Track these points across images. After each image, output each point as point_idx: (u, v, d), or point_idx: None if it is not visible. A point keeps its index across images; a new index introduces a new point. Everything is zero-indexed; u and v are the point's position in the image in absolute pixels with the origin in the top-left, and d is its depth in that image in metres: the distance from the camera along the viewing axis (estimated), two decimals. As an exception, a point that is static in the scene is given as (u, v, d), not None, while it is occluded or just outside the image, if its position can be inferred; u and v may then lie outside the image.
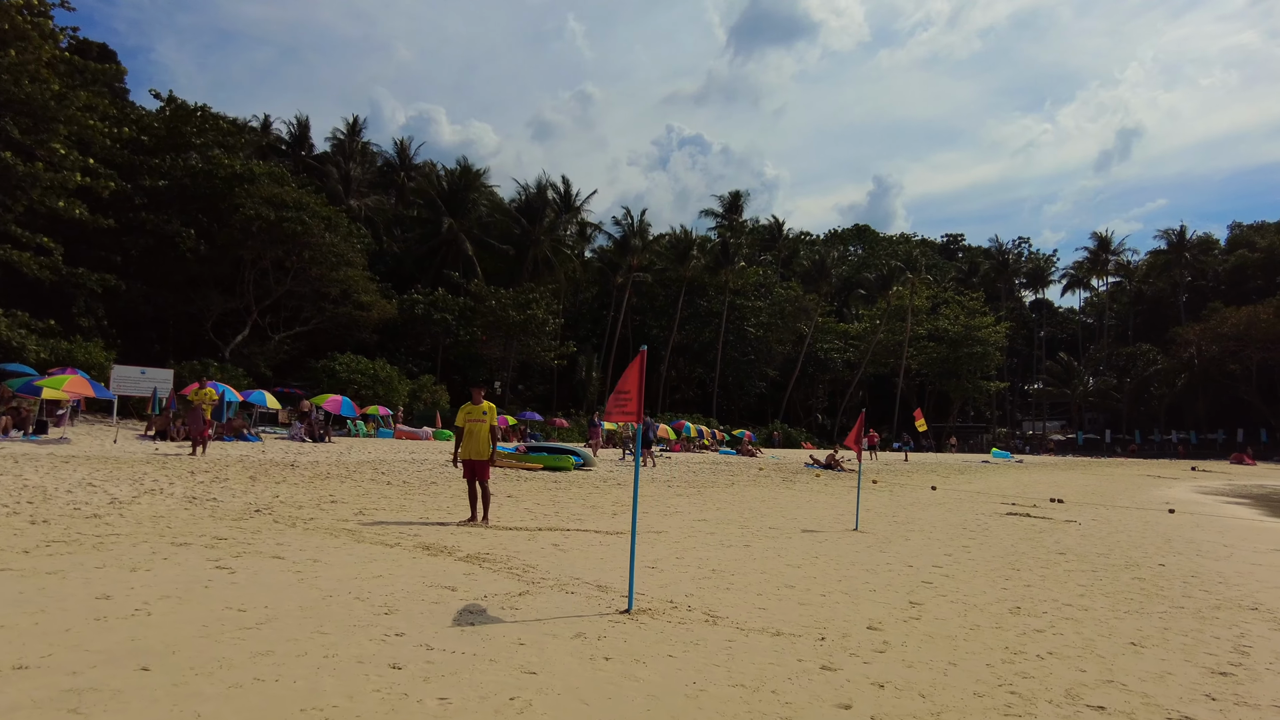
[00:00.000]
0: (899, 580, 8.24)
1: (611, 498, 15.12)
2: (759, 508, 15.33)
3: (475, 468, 10.26)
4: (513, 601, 6.03)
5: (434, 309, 49.92)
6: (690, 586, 7.08)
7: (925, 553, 10.52)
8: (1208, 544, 14.17)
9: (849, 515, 14.71)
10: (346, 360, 42.72)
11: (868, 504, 17.81)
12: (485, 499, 10.30)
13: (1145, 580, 9.42)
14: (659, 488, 18.28)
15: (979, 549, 11.28)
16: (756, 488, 20.54)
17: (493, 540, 8.96)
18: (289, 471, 15.65)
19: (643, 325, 72.44)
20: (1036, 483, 30.64)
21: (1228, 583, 9.76)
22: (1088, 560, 10.83)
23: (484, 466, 10.22)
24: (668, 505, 14.51)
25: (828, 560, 9.25)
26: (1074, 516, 17.82)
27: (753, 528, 11.96)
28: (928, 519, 15.28)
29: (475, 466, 10.25)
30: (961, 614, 6.76)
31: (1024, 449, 72.80)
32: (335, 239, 44.12)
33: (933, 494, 22.38)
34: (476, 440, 10.26)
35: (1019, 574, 9.23)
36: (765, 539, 10.75)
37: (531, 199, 62.48)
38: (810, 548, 10.19)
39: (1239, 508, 25.83)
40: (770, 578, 7.83)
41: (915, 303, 72.05)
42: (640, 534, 10.27)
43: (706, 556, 8.81)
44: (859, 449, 13.27)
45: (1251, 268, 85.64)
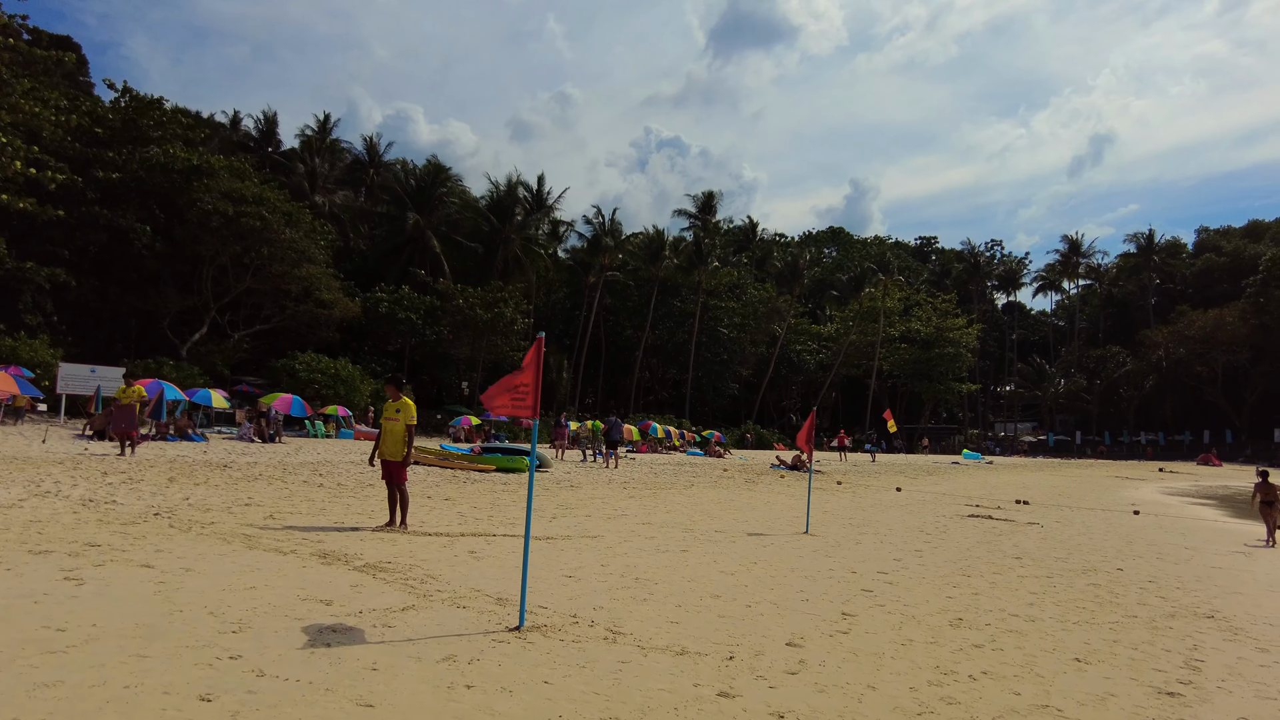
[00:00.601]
0: (837, 588, 7.68)
1: (558, 500, 14.47)
2: (712, 510, 14.75)
3: (389, 469, 9.58)
4: (391, 618, 5.38)
5: (399, 308, 48.88)
6: (604, 598, 6.46)
7: (874, 557, 9.98)
8: (1169, 546, 13.80)
9: (803, 518, 14.18)
10: (307, 359, 41.66)
11: (827, 506, 17.31)
12: (403, 502, 9.61)
13: (1100, 586, 8.94)
14: (614, 489, 17.65)
15: (932, 553, 10.77)
16: (716, 489, 19.98)
17: (403, 547, 8.29)
18: (218, 473, 14.83)
19: (616, 325, 71.82)
20: (1004, 484, 30.39)
21: (1185, 588, 9.31)
22: (1044, 565, 10.36)
23: (398, 468, 9.54)
24: (616, 508, 13.88)
25: (766, 566, 8.67)
26: (1037, 518, 17.45)
27: (697, 531, 11.36)
28: (885, 521, 14.78)
29: (389, 468, 9.57)
30: (896, 627, 6.20)
31: (995, 450, 73.01)
32: (297, 235, 43.02)
33: (896, 495, 21.95)
34: (390, 439, 9.58)
35: (969, 580, 8.71)
36: (706, 543, 10.16)
37: (502, 197, 61.58)
38: (751, 553, 9.61)
39: (1203, 509, 25.69)
40: (697, 586, 7.23)
41: (887, 304, 72.02)
42: (574, 539, 9.65)
43: (635, 564, 8.20)
44: (810, 449, 12.72)
45: (1218, 272, 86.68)
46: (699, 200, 76.55)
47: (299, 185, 56.04)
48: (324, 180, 60.58)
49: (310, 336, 47.14)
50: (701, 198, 76.58)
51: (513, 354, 52.10)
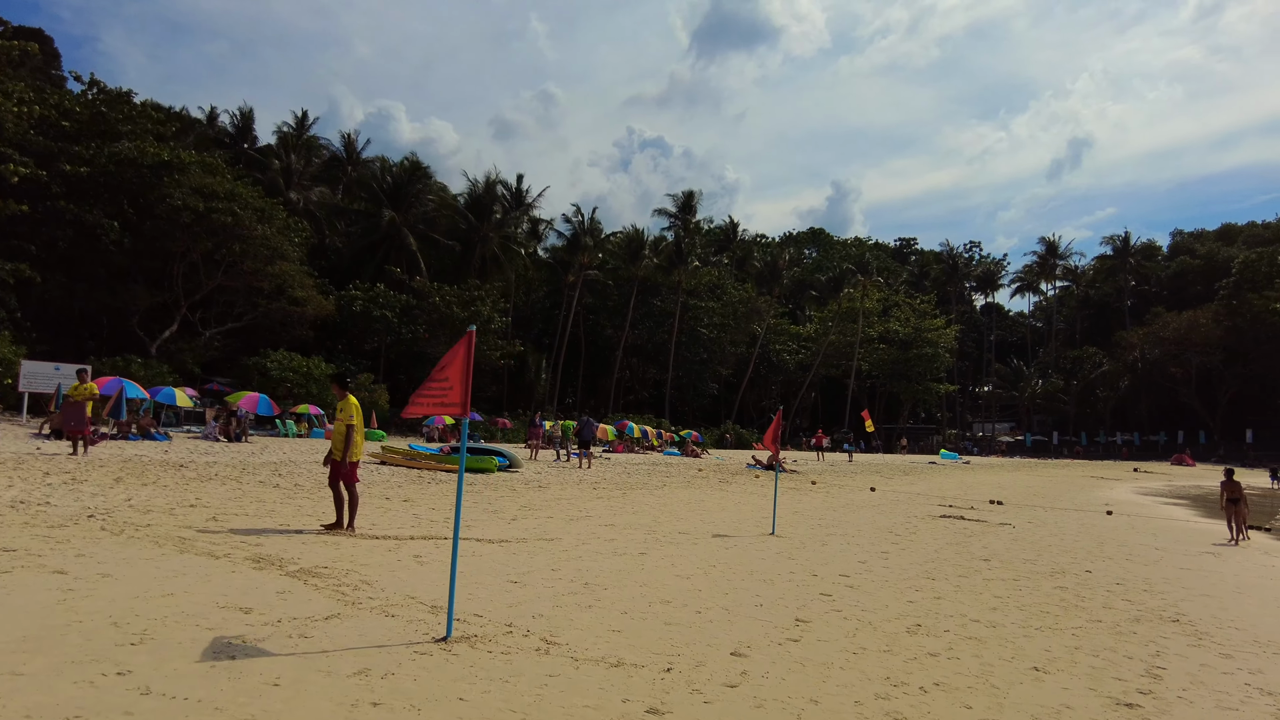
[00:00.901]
0: (795, 592, 7.41)
1: (521, 501, 14.14)
2: (680, 510, 14.47)
3: (334, 469, 9.22)
4: (311, 627, 5.04)
5: (374, 306, 48.26)
6: (547, 605, 6.15)
7: (838, 560, 9.74)
8: (1139, 547, 13.68)
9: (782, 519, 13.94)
10: (279, 358, 41.00)
11: (799, 506, 17.10)
12: (351, 504, 9.25)
13: (1067, 590, 8.74)
14: (583, 490, 17.34)
15: (898, 555, 10.55)
16: (689, 489, 19.72)
17: (346, 551, 7.94)
18: (171, 473, 14.37)
19: (596, 325, 71.47)
20: (980, 484, 30.37)
21: (1153, 590, 9.14)
22: (1012, 567, 10.16)
23: (341, 468, 9.20)
24: (581, 509, 13.57)
25: (725, 569, 8.39)
26: (1010, 519, 17.32)
27: (660, 533, 11.08)
28: (855, 522, 14.57)
29: (334, 468, 9.21)
30: (851, 634, 5.94)
31: (973, 450, 73.36)
32: (269, 231, 42.36)
33: (870, 496, 21.79)
34: (335, 439, 9.23)
35: (933, 584, 8.48)
36: (667, 546, 9.88)
37: (480, 195, 61.04)
38: (712, 555, 9.33)
39: (1175, 509, 25.76)
40: (649, 592, 6.93)
41: (866, 305, 72.18)
42: (530, 542, 9.34)
43: (588, 568, 7.89)
44: (775, 448, 12.46)
45: (1192, 274, 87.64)
46: (679, 200, 76.32)
47: (273, 182, 55.25)
48: (299, 177, 59.72)
49: (284, 335, 46.46)
50: (681, 197, 76.35)
51: (490, 353, 51.66)
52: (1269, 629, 7.43)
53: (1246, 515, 15.90)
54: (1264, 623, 7.75)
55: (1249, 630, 7.28)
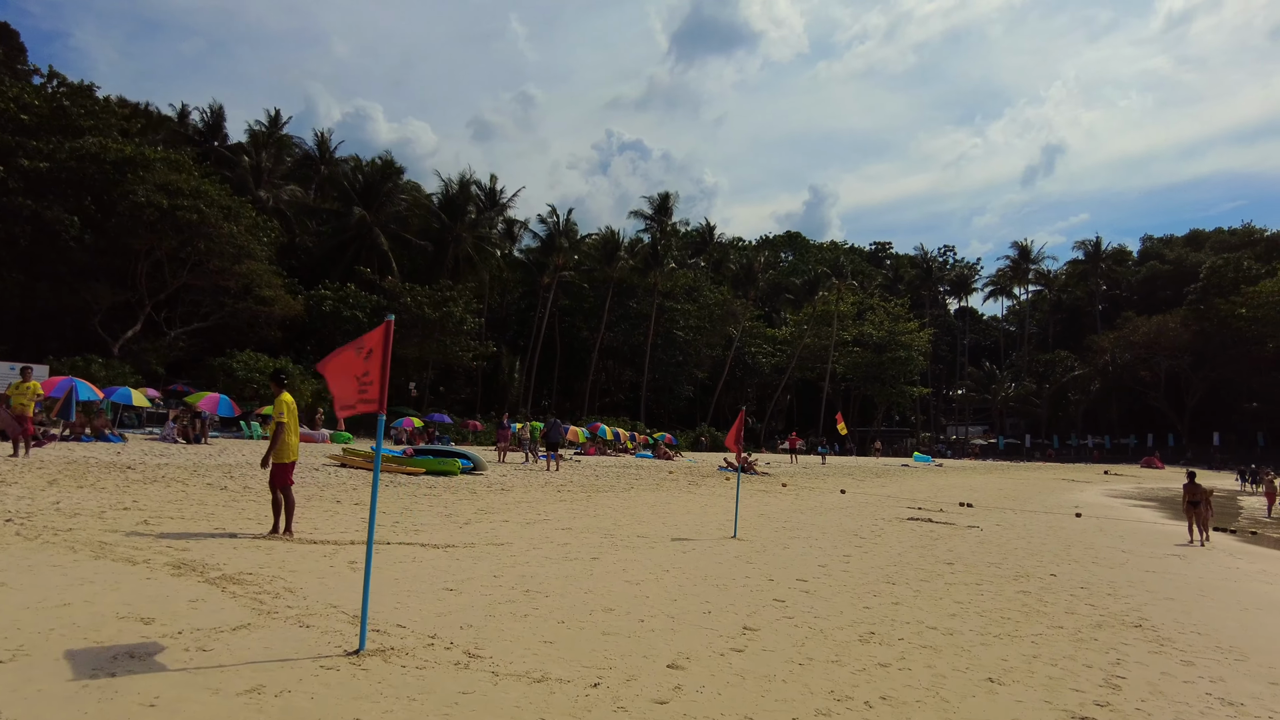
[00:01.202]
0: (748, 598, 7.11)
1: (479, 504, 13.74)
2: (643, 513, 14.15)
3: (271, 471, 8.82)
4: (213, 639, 4.66)
5: (344, 306, 47.50)
6: (479, 614, 5.80)
7: (799, 563, 9.46)
8: (1106, 550, 13.56)
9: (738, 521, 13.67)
10: (245, 358, 40.17)
11: (766, 509, 16.84)
12: (287, 507, 8.84)
13: (1030, 594, 8.52)
14: (546, 493, 16.96)
15: (861, 559, 10.30)
16: (656, 492, 19.40)
17: (278, 556, 7.53)
18: (116, 475, 13.83)
19: (572, 327, 71.05)
20: (951, 486, 30.34)
21: (1117, 594, 8.95)
22: (975, 571, 9.94)
23: (276, 469, 8.80)
24: (540, 511, 13.21)
25: (678, 574, 8.08)
26: (979, 521, 17.19)
27: (619, 536, 10.75)
28: (821, 524, 14.33)
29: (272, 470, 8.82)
30: (800, 643, 5.64)
31: (947, 453, 73.76)
32: (236, 230, 41.56)
33: (839, 498, 21.60)
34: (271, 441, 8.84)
35: (893, 589, 8.22)
36: (622, 550, 9.55)
37: (454, 194, 60.41)
38: (668, 559, 9.01)
39: (1144, 510, 25.86)
40: (593, 599, 6.60)
41: (841, 308, 72.36)
42: (478, 546, 8.97)
43: (533, 574, 7.54)
44: (739, 449, 12.16)
45: (1161, 279, 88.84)
46: (655, 202, 76.04)
47: (242, 180, 54.31)
48: (269, 175, 58.75)
49: (251, 335, 45.64)
50: (658, 199, 76.04)
51: (462, 355, 51.06)
52: (1230, 634, 7.24)
53: (1209, 517, 16.07)
54: (1225, 627, 7.58)
55: (1211, 635, 7.09)
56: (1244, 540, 18.66)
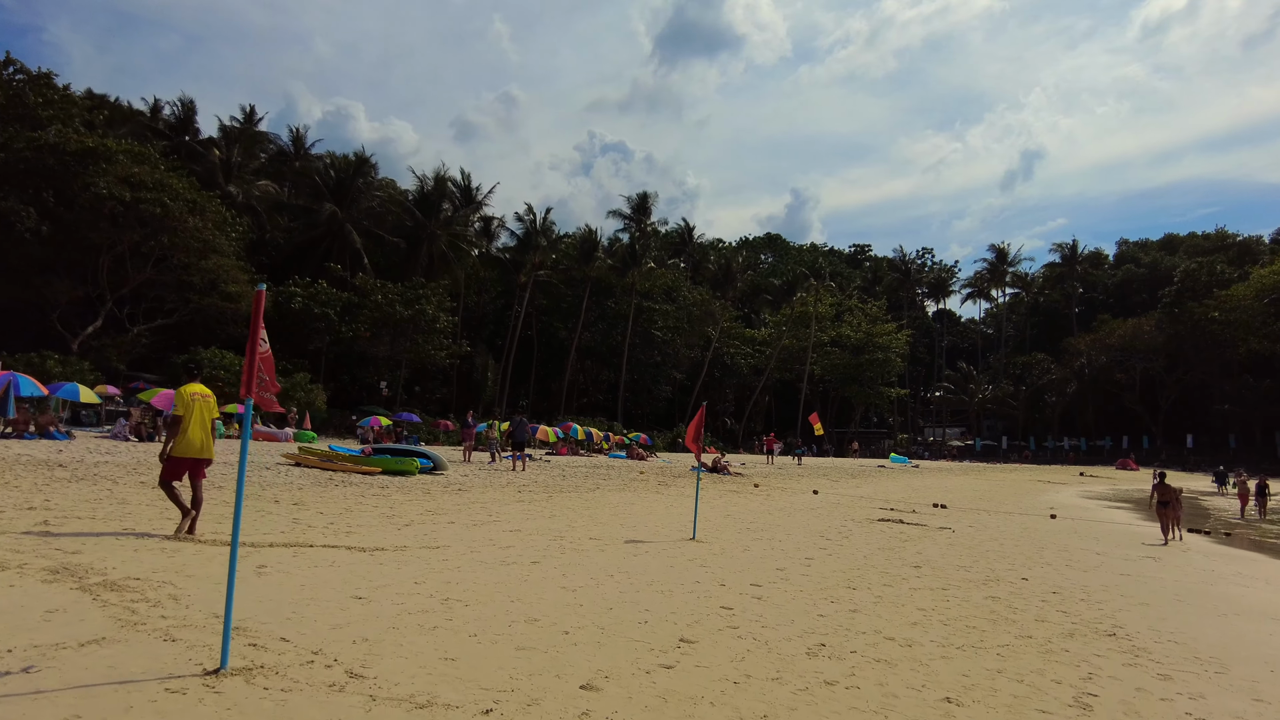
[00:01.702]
0: (693, 606, 6.53)
1: (429, 505, 13.08)
2: (603, 514, 13.56)
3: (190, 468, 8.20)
4: (50, 657, 4.01)
5: (314, 303, 46.50)
6: (383, 626, 5.17)
7: (756, 567, 8.90)
8: (1080, 552, 13.14)
9: (701, 522, 13.11)
10: (209, 355, 39.15)
11: (733, 509, 16.31)
12: (195, 505, 8.21)
13: (1000, 600, 8.01)
14: (506, 493, 16.31)
15: (824, 561, 9.76)
16: (623, 492, 18.81)
17: (180, 560, 6.86)
18: (38, 472, 13.04)
19: (549, 327, 70.32)
20: (927, 487, 30.00)
21: (1090, 599, 8.46)
22: (943, 575, 9.43)
23: (165, 467, 8.18)
24: (491, 513, 12.57)
25: (623, 580, 7.49)
26: (951, 523, 16.74)
27: (569, 539, 10.14)
28: (787, 525, 13.80)
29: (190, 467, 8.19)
30: (740, 657, 5.07)
31: (924, 454, 73.75)
32: (202, 224, 40.56)
33: (811, 498, 21.12)
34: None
35: (853, 594, 7.68)
36: (570, 553, 8.94)
37: (429, 191, 59.49)
38: (616, 563, 8.42)
39: (1119, 512, 25.61)
40: (519, 608, 5.99)
41: (819, 309, 72.15)
42: (411, 550, 8.33)
43: (460, 580, 6.92)
44: (698, 448, 11.61)
45: (1137, 282, 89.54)
46: (634, 201, 75.46)
47: (212, 174, 53.12)
48: (240, 170, 57.53)
49: (218, 332, 44.64)
50: (636, 199, 75.49)
51: (435, 353, 50.19)
52: (1209, 642, 6.77)
53: (1179, 517, 16.28)
54: (1204, 635, 7.10)
55: (1189, 644, 6.61)
56: (1217, 541, 18.39)
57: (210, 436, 8.32)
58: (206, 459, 8.29)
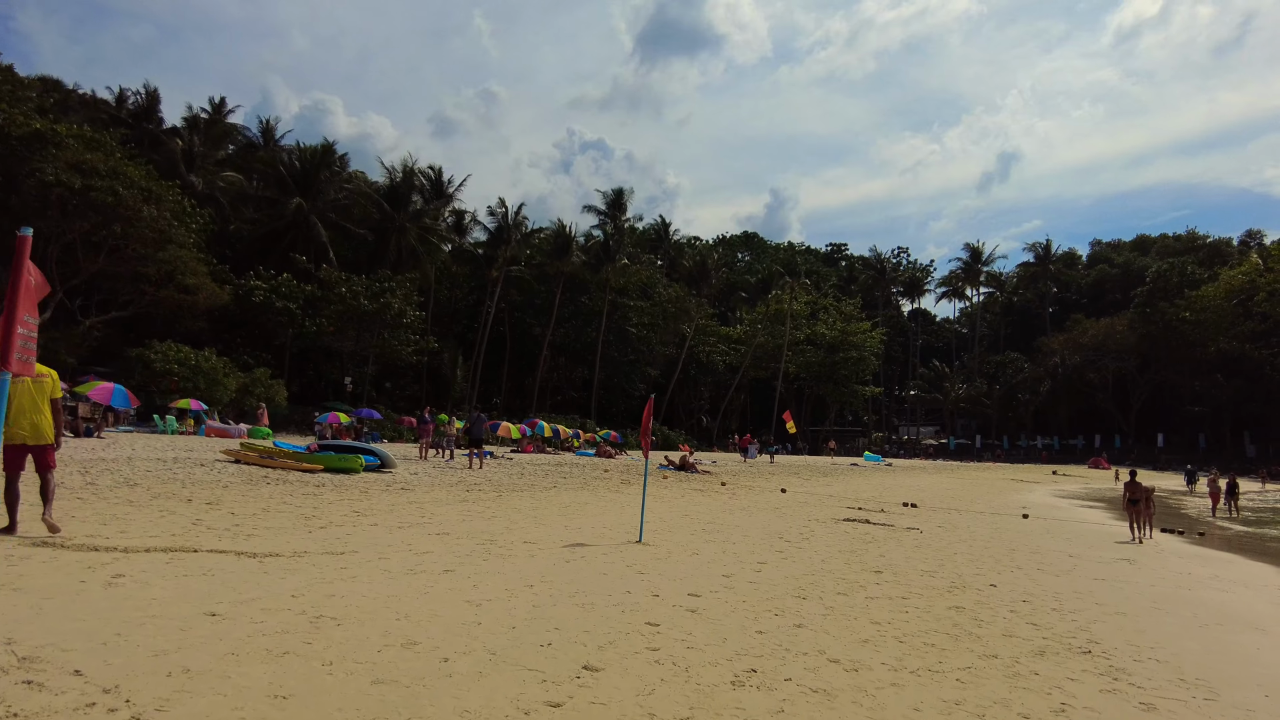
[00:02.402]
0: (613, 623, 5.70)
1: (359, 505, 12.15)
2: (549, 515, 12.71)
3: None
4: None
5: (275, 296, 45.14)
6: (219, 653, 4.28)
7: (701, 573, 8.09)
8: (1052, 554, 12.48)
9: (655, 523, 12.31)
10: (164, 349, 37.84)
11: (692, 509, 15.52)
12: (45, 497, 7.35)
13: (965, 610, 7.26)
14: (453, 493, 15.40)
15: (778, 566, 8.98)
16: (581, 491, 17.97)
17: (16, 569, 5.91)
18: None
19: (523, 323, 69.20)
20: (898, 486, 29.43)
21: (1062, 608, 7.74)
22: (905, 581, 8.68)
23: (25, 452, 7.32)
24: (426, 515, 11.68)
25: (543, 590, 6.63)
26: (921, 523, 16.06)
27: (500, 543, 9.28)
28: (746, 526, 13.03)
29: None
30: (649, 690, 4.24)
31: (900, 453, 73.55)
32: (157, 214, 39.14)
33: (778, 497, 20.40)
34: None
35: (802, 606, 6.88)
36: (493, 560, 8.08)
37: (397, 183, 58.17)
38: (542, 571, 7.57)
39: (1092, 511, 25.16)
40: (401, 629, 5.12)
41: (794, 307, 71.66)
42: (312, 555, 7.43)
43: (345, 593, 6.03)
44: (647, 442, 10.76)
45: (1110, 282, 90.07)
46: (609, 197, 74.45)
47: (173, 164, 51.52)
48: (203, 160, 55.90)
49: (177, 326, 43.23)
50: (611, 195, 74.50)
51: (401, 349, 48.97)
52: (1194, 660, 6.05)
53: (1150, 515, 16.39)
54: (1187, 650, 6.39)
55: (1171, 662, 5.88)
56: (1191, 541, 17.91)
57: (48, 419, 7.38)
58: (42, 444, 7.35)
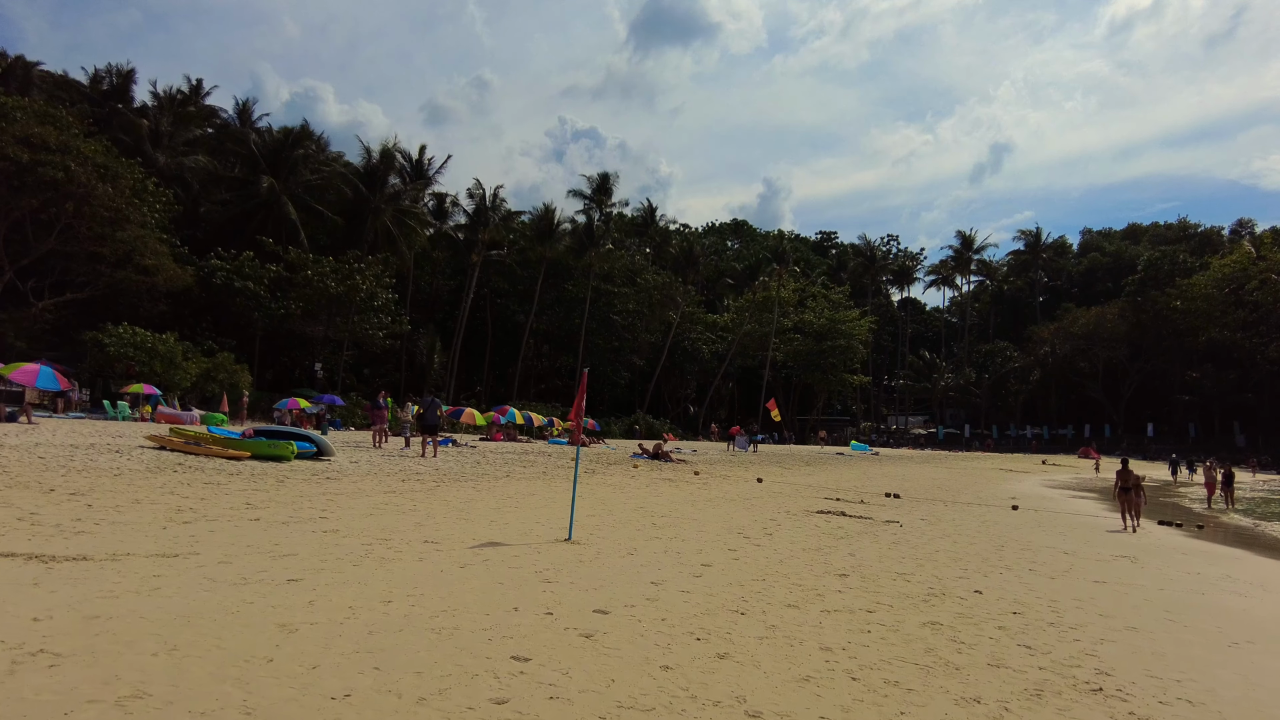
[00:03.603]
0: (463, 657, 4.27)
1: (261, 497, 10.68)
2: (480, 509, 11.29)
3: None
4: None
5: (237, 277, 43.34)
6: None
7: (624, 581, 6.67)
8: (1046, 551, 11.14)
9: (602, 517, 10.92)
10: (118, 333, 36.13)
11: (649, 501, 14.10)
12: None
13: (942, 628, 5.87)
14: (385, 483, 13.95)
15: (723, 570, 7.57)
16: (535, 481, 16.56)
17: None
18: None
19: (506, 310, 67.50)
20: (882, 476, 28.15)
21: (1061, 622, 6.36)
22: (875, 587, 7.30)
23: None
24: (329, 507, 10.23)
25: (399, 607, 5.19)
26: (902, 516, 14.72)
27: (395, 543, 7.84)
28: (704, 520, 11.63)
29: None
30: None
31: (887, 443, 72.43)
32: (112, 191, 37.35)
33: (753, 487, 19.04)
34: None
35: (738, 624, 5.48)
36: (366, 565, 6.65)
37: (374, 163, 56.29)
38: (419, 579, 6.14)
39: (1084, 502, 23.91)
40: (148, 668, 3.69)
41: (782, 295, 70.26)
42: (136, 558, 5.95)
43: (122, 613, 4.58)
44: (579, 423, 9.30)
45: (1101, 271, 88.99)
46: (594, 181, 72.53)
47: (140, 143, 49.61)
48: (171, 139, 53.91)
49: (139, 309, 41.45)
50: (597, 179, 72.57)
51: (373, 333, 47.29)
52: (1232, 697, 4.67)
53: (1140, 504, 16.16)
54: (1223, 682, 5.00)
55: (1208, 703, 4.51)
56: (1191, 534, 16.64)
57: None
58: None
